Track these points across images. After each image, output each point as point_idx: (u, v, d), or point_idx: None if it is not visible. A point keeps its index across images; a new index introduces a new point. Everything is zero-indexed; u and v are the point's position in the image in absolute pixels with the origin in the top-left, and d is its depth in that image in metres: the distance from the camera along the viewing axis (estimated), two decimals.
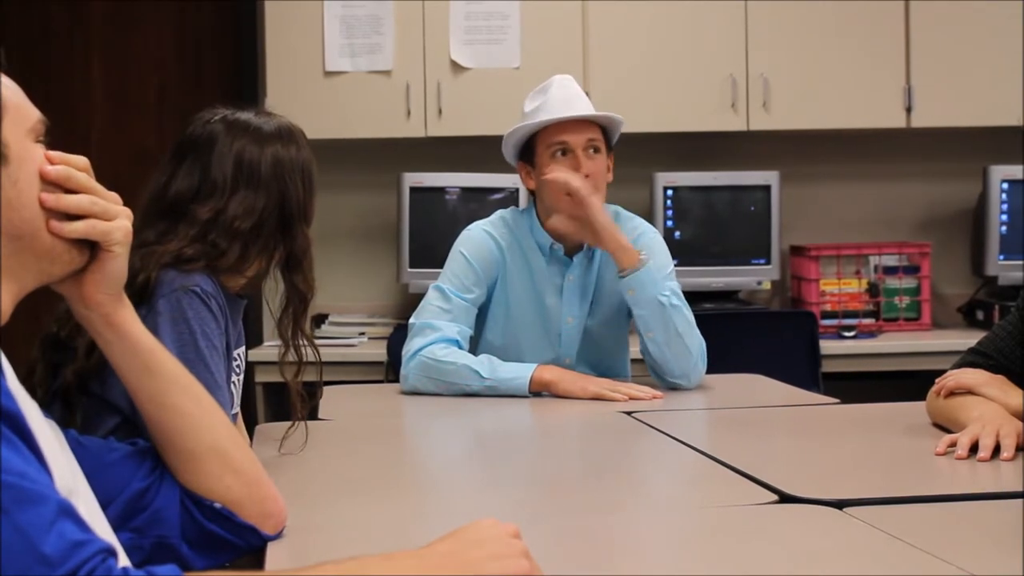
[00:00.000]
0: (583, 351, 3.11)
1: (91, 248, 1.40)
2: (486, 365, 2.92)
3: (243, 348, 2.35)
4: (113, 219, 1.40)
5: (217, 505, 1.50)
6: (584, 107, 3.06)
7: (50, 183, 1.33)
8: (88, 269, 1.42)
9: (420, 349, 2.96)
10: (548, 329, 3.12)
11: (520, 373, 2.91)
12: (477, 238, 3.12)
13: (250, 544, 1.53)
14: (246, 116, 2.24)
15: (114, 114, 5.12)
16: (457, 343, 2.99)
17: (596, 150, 3.04)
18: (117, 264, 1.43)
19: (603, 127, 3.08)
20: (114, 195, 1.42)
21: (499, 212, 3.20)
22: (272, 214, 2.19)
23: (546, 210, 3.08)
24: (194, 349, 1.99)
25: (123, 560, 1.13)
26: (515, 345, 3.06)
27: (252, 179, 2.16)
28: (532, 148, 3.07)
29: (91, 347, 1.90)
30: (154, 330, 1.99)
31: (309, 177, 2.27)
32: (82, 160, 1.38)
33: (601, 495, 1.94)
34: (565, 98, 3.04)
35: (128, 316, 1.49)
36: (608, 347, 3.15)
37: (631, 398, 2.83)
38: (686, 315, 2.98)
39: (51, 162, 1.33)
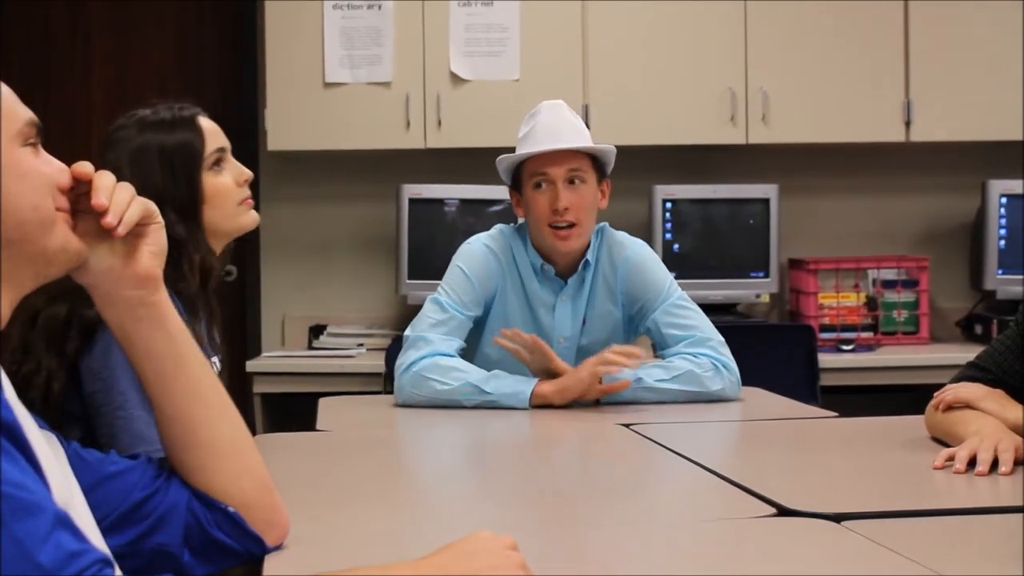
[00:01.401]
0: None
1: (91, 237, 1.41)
2: (486, 379, 2.91)
3: (217, 357, 2.30)
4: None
5: (231, 509, 1.49)
6: (569, 136, 3.00)
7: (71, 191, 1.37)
8: (138, 247, 1.43)
9: (414, 363, 2.94)
10: None
11: (521, 388, 2.90)
12: (477, 253, 3.10)
13: (251, 553, 1.53)
14: (144, 112, 2.22)
15: (114, 118, 5.10)
16: (450, 358, 2.97)
17: (580, 180, 3.00)
18: (163, 233, 1.46)
19: (594, 155, 3.04)
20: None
21: (499, 226, 3.19)
22: None
23: (532, 234, 3.09)
24: None
25: (119, 572, 1.13)
26: (511, 360, 3.05)
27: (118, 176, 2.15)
28: (519, 177, 3.07)
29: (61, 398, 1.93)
30: (106, 354, 1.99)
31: (172, 158, 2.18)
32: (87, 167, 1.40)
33: (598, 507, 1.94)
34: (551, 127, 3.00)
35: (166, 297, 1.48)
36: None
37: (623, 358, 2.83)
38: (668, 385, 2.94)
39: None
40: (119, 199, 1.40)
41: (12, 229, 1.27)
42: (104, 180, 1.40)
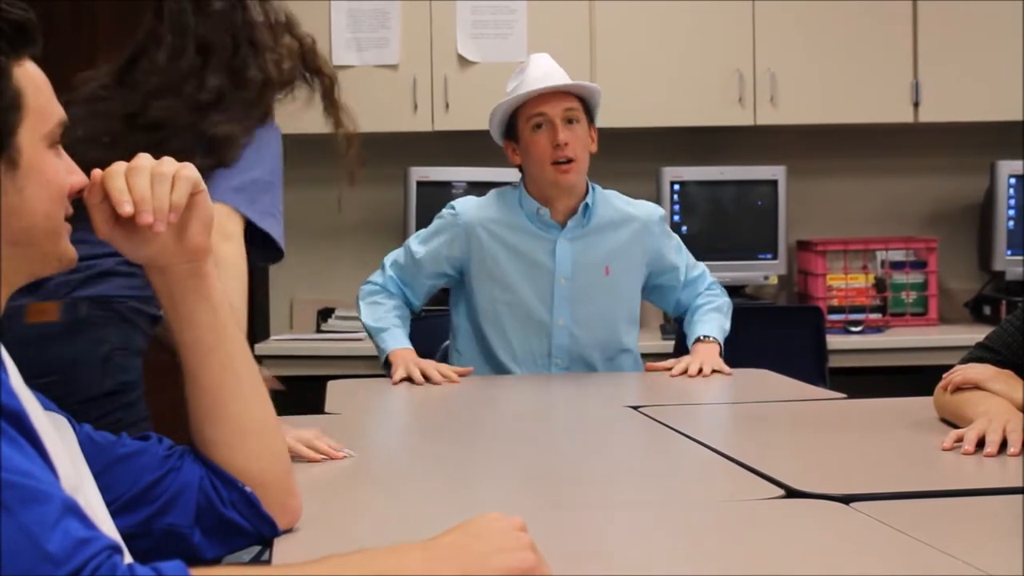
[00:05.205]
0: (578, 313, 3.22)
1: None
2: (380, 318, 3.28)
3: None
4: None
5: (247, 489, 1.50)
6: (560, 79, 3.16)
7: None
8: (188, 220, 1.43)
9: (368, 283, 3.40)
10: (539, 288, 3.21)
11: (386, 344, 3.22)
12: (447, 225, 3.32)
13: (261, 535, 1.53)
14: None
15: None
16: (389, 296, 3.34)
17: (575, 120, 3.15)
18: (207, 199, 1.46)
19: (583, 99, 3.18)
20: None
21: (496, 190, 3.32)
22: None
23: (531, 178, 3.21)
24: None
25: (128, 557, 1.13)
26: (500, 313, 3.22)
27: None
28: (515, 124, 3.19)
29: None
30: None
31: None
32: (120, 189, 1.38)
33: (606, 489, 1.94)
34: (542, 72, 3.16)
35: (212, 268, 1.49)
36: (609, 317, 3.24)
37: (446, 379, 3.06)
38: (727, 324, 3.34)
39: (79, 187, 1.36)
40: (160, 196, 1.38)
41: (20, 232, 1.25)
42: (141, 188, 1.38)
